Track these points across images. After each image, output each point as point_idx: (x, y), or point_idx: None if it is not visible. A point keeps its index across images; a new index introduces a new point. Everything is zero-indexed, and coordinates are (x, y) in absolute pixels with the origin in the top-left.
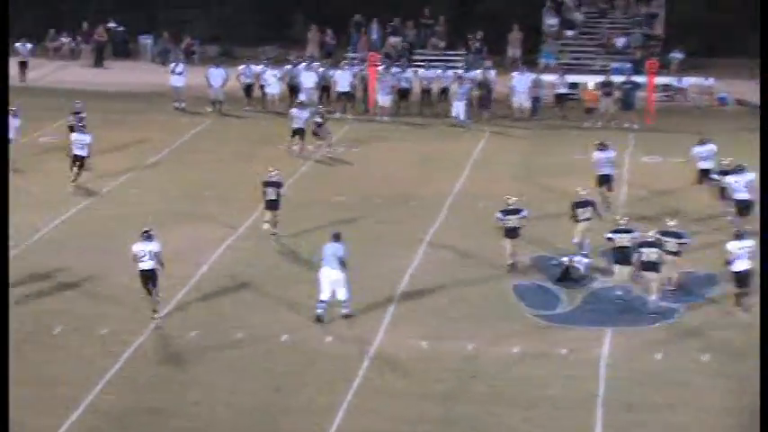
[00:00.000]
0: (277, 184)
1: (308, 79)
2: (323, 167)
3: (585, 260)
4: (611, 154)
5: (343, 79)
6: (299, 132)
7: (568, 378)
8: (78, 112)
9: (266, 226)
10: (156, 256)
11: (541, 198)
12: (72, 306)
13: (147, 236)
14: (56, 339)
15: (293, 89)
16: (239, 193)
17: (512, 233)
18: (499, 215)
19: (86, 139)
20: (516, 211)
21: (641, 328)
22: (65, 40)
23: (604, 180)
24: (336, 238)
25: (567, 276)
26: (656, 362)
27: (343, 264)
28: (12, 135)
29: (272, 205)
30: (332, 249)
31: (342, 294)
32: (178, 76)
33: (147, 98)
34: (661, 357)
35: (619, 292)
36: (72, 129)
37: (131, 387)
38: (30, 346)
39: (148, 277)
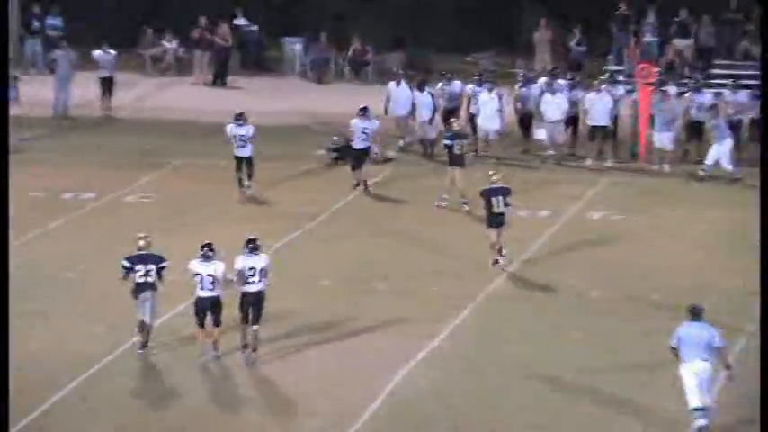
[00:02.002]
0: (504, 191)
1: (551, 107)
2: (567, 244)
3: None
4: None
5: (598, 107)
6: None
7: None
8: None
9: (492, 260)
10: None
11: None
12: (269, 389)
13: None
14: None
15: (524, 120)
16: (429, 282)
17: None
18: None
19: (249, 131)
20: None
21: None
22: (169, 45)
23: None
24: (696, 314)
25: None
26: None
27: (716, 351)
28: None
29: (498, 221)
30: (695, 332)
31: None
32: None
33: (297, 134)
34: None
35: None
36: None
37: None
38: None
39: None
